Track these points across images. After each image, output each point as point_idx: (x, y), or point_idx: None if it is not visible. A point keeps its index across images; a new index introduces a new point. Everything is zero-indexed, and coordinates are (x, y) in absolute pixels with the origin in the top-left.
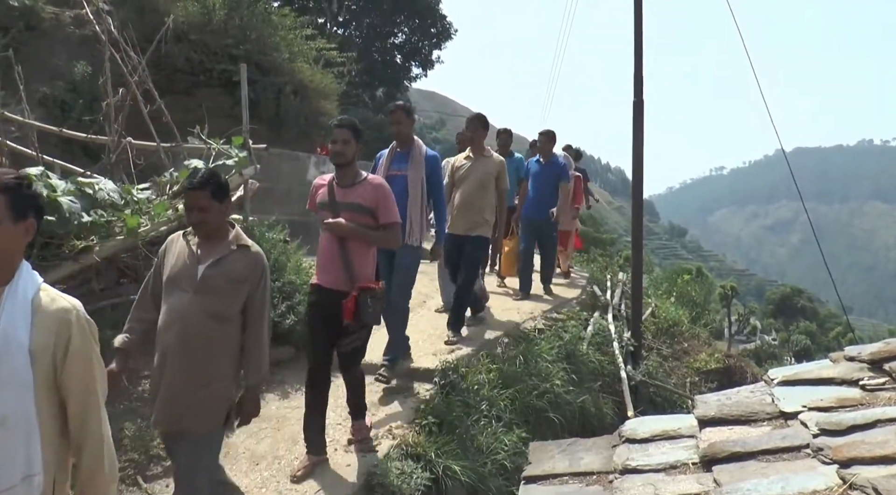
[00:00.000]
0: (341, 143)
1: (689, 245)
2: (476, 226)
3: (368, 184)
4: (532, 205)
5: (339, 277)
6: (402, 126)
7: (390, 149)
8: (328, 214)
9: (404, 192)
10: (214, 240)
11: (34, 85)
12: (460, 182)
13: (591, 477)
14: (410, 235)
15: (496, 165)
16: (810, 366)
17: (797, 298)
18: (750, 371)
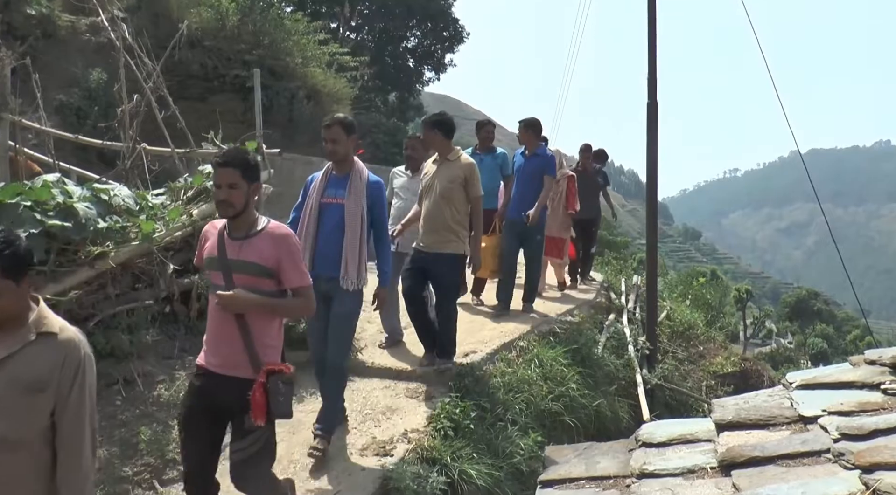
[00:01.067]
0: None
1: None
2: (444, 241)
3: (268, 235)
4: (514, 205)
5: (237, 359)
6: (339, 145)
7: (324, 172)
8: (218, 276)
9: (340, 225)
10: (3, 328)
11: (51, 92)
12: (425, 192)
13: (607, 482)
14: (346, 278)
15: (463, 170)
16: (830, 370)
17: (813, 301)
18: (766, 374)
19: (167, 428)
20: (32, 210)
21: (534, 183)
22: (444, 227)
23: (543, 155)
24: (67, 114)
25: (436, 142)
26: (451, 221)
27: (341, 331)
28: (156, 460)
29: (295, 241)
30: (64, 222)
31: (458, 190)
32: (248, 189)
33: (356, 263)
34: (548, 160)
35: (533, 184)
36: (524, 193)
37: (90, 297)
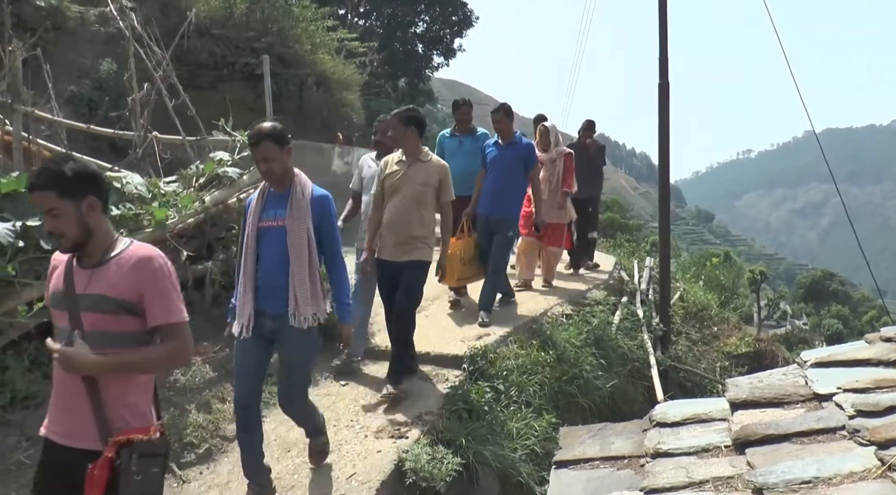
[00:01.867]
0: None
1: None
2: (412, 249)
3: (126, 259)
4: (487, 200)
5: (83, 426)
6: (274, 162)
7: (260, 192)
8: (62, 317)
9: (284, 252)
10: None
11: (62, 83)
12: (390, 193)
13: (622, 462)
14: (298, 314)
15: (436, 172)
16: (845, 348)
17: (828, 282)
18: (781, 355)
19: (184, 413)
20: None
21: (513, 176)
22: (412, 235)
23: (521, 143)
24: (79, 104)
25: (409, 141)
26: (419, 228)
27: (293, 382)
28: (173, 443)
29: (162, 264)
30: None
31: (430, 194)
32: (77, 208)
33: (308, 295)
34: (527, 149)
35: (512, 178)
36: (501, 188)
37: None
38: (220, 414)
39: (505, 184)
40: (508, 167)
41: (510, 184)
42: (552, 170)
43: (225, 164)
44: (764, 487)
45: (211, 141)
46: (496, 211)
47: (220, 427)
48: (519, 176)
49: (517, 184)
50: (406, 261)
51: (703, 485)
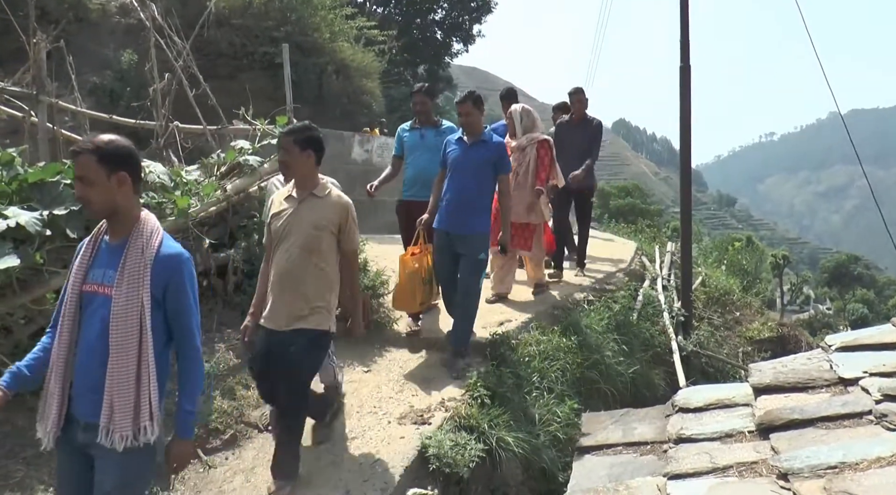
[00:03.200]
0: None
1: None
2: (302, 316)
3: None
4: (447, 212)
5: None
6: (94, 190)
7: (93, 236)
8: None
9: (106, 334)
10: None
11: (84, 75)
12: (278, 240)
13: (644, 447)
14: (112, 428)
15: (335, 210)
16: (871, 332)
17: (853, 266)
18: (804, 340)
19: (209, 399)
20: (72, 188)
21: (479, 182)
22: (305, 296)
23: (491, 142)
24: (101, 95)
25: (303, 168)
26: (314, 285)
27: None
28: (198, 429)
29: None
30: None
31: (327, 240)
32: None
33: (130, 403)
34: (497, 150)
35: (477, 184)
36: (464, 198)
37: None
38: (244, 400)
39: (468, 192)
40: (474, 171)
41: (475, 192)
42: (521, 160)
43: (246, 153)
44: (789, 472)
45: (231, 130)
46: (458, 227)
47: (244, 413)
48: (486, 182)
49: (484, 192)
50: (294, 331)
51: (727, 471)
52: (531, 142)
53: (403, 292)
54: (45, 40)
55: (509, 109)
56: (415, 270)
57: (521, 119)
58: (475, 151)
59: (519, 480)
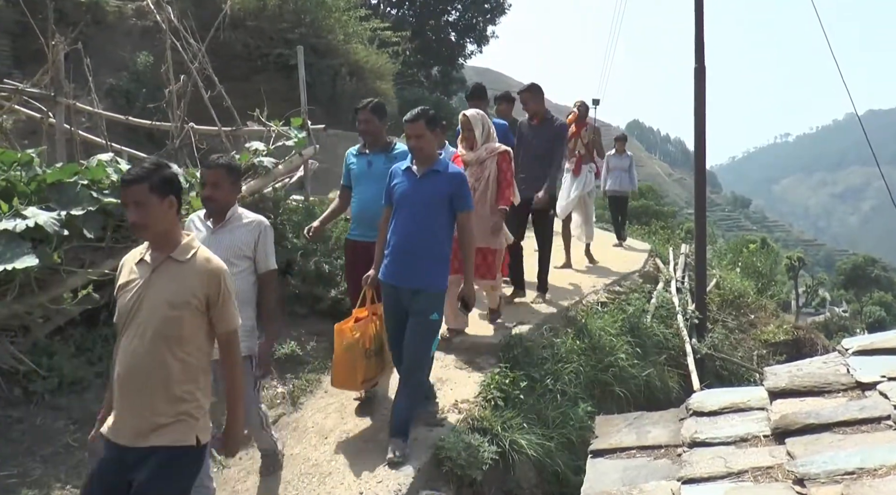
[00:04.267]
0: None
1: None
2: (157, 428)
3: None
4: (392, 260)
5: None
6: None
7: None
8: None
9: None
10: None
11: (101, 76)
12: (122, 324)
13: (658, 451)
14: None
15: (201, 281)
16: (889, 335)
17: (870, 268)
18: (820, 343)
19: (222, 399)
20: (89, 188)
21: (432, 223)
22: (160, 401)
23: (447, 172)
24: (117, 96)
25: (164, 220)
26: (175, 387)
27: None
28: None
29: None
30: (118, 200)
31: (191, 320)
32: None
33: None
34: (455, 181)
35: (430, 226)
36: (413, 243)
37: None
38: None
39: (418, 236)
40: (425, 209)
41: (427, 236)
42: (479, 175)
43: (260, 154)
44: (805, 477)
45: (246, 131)
46: (406, 278)
47: None
48: (442, 223)
49: (439, 236)
50: (143, 450)
51: (742, 475)
52: (491, 153)
53: (341, 369)
54: (63, 42)
55: (466, 114)
56: (354, 341)
57: (481, 126)
58: (427, 184)
59: (532, 483)
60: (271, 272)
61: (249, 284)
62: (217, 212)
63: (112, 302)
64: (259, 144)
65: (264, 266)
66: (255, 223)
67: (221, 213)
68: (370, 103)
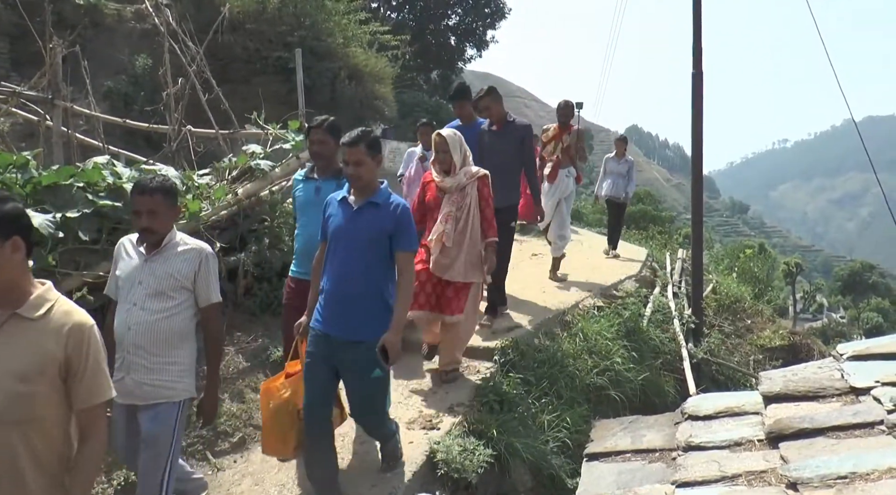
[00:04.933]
0: None
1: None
2: None
3: None
4: (325, 306)
5: None
6: None
7: None
8: None
9: None
10: None
11: (99, 79)
12: None
13: (653, 455)
14: None
15: (58, 343)
16: (883, 341)
17: (868, 274)
18: (817, 349)
19: (219, 402)
20: (85, 191)
21: (371, 264)
22: None
23: (388, 203)
24: (115, 99)
25: (8, 269)
26: (28, 480)
27: None
28: (208, 432)
29: None
30: (115, 202)
31: (46, 395)
32: None
33: None
34: (395, 214)
35: (368, 267)
36: (348, 289)
37: None
38: (253, 403)
39: (356, 277)
40: (362, 247)
41: (364, 280)
42: (460, 202)
43: (257, 157)
44: (798, 482)
45: (244, 134)
46: (343, 328)
47: (253, 416)
48: (383, 260)
49: (378, 279)
50: None
51: (736, 479)
52: (471, 178)
53: (270, 433)
54: (60, 45)
55: (440, 134)
56: (283, 403)
57: (459, 149)
58: (365, 218)
59: (527, 486)
60: (214, 306)
61: (188, 319)
62: (154, 243)
63: (107, 304)
64: (256, 147)
65: (206, 299)
66: (194, 251)
67: (158, 242)
68: (326, 121)
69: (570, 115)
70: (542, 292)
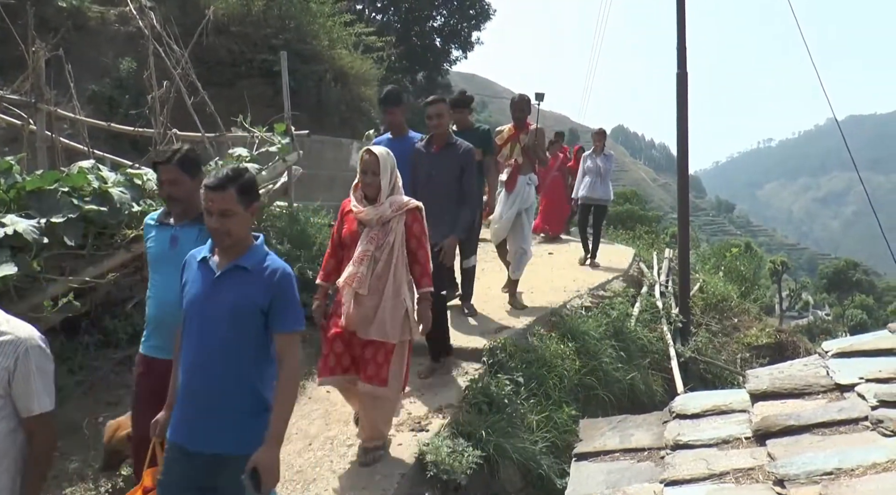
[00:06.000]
0: None
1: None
2: None
3: None
4: (180, 410)
5: None
6: None
7: None
8: None
9: None
10: None
11: (83, 82)
12: None
13: (642, 454)
14: None
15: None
16: (867, 338)
17: (852, 272)
18: (803, 346)
19: None
20: (70, 196)
21: (236, 344)
22: None
23: (261, 259)
24: (100, 103)
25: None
26: None
27: None
28: None
29: None
30: (100, 207)
31: None
32: None
33: None
34: (277, 283)
35: (233, 350)
36: (205, 381)
37: (127, 280)
38: None
39: (214, 369)
40: (224, 325)
41: (228, 369)
42: (380, 240)
43: (244, 160)
44: (785, 479)
45: (230, 137)
46: (201, 440)
47: None
48: (254, 344)
49: (248, 365)
50: None
51: (724, 477)
52: (398, 210)
53: None
54: (43, 48)
55: (371, 151)
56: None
57: (389, 172)
58: (229, 287)
59: (517, 486)
60: (41, 417)
61: (5, 433)
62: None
63: (93, 308)
64: (243, 150)
65: (26, 408)
66: (10, 343)
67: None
68: (178, 154)
69: (527, 110)
70: (530, 292)
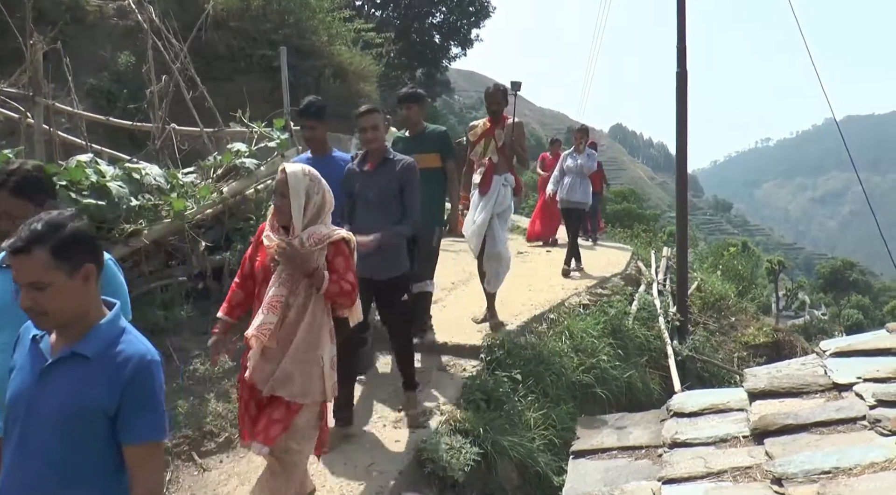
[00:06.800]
0: None
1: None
2: None
3: None
4: None
5: None
6: None
7: None
8: None
9: None
10: None
11: (81, 77)
12: None
13: (639, 452)
14: None
15: None
16: (865, 337)
17: (849, 271)
18: (800, 345)
19: (203, 401)
20: (68, 190)
21: (72, 453)
22: None
23: (110, 353)
24: (98, 97)
25: None
26: None
27: None
28: (193, 432)
29: None
30: (98, 201)
31: None
32: None
33: None
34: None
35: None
36: None
37: (125, 274)
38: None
39: (40, 485)
40: (48, 432)
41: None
42: (294, 284)
43: (242, 155)
44: (783, 477)
45: (228, 132)
46: None
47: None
48: (94, 460)
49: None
50: None
51: (722, 475)
52: (318, 243)
53: None
54: (41, 42)
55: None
56: None
57: (304, 194)
58: (61, 381)
59: (514, 484)
60: None
61: None
62: None
63: None
64: (241, 145)
65: None
66: None
67: None
68: (12, 177)
69: (503, 102)
70: (528, 290)
